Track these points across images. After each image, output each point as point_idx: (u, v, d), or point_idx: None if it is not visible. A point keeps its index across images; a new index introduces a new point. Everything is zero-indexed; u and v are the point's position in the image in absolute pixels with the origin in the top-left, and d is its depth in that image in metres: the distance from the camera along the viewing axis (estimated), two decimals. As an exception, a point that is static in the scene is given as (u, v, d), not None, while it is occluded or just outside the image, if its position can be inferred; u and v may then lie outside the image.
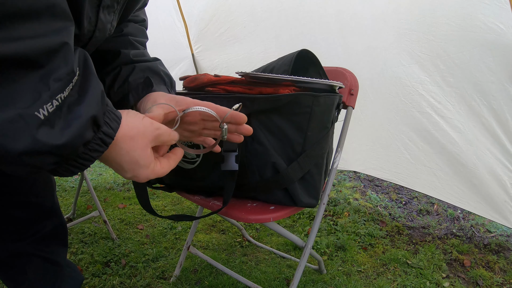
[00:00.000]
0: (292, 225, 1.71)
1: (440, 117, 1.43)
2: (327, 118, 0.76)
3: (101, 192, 2.18)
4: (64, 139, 0.29)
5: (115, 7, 0.47)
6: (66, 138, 0.29)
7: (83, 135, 0.31)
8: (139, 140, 0.38)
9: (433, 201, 2.02)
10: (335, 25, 1.56)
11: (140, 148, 0.39)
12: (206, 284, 1.23)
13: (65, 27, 0.30)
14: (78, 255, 1.42)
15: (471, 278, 1.31)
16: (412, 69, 1.43)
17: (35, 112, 0.27)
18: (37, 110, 0.27)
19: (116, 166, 0.39)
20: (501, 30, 1.16)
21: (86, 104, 0.31)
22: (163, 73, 0.59)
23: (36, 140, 0.27)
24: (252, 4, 1.75)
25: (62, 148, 0.29)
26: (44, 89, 0.28)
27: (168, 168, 0.45)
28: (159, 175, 0.43)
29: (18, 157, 0.27)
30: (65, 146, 0.30)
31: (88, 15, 0.41)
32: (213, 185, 0.79)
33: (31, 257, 0.76)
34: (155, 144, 0.42)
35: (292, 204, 0.77)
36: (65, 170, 0.33)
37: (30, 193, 0.74)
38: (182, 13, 2.03)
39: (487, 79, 1.25)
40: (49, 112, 0.28)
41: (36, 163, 0.29)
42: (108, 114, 0.35)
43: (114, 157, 0.37)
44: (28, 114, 0.27)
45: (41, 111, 0.28)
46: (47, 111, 0.28)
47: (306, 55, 0.80)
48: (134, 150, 0.38)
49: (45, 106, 0.28)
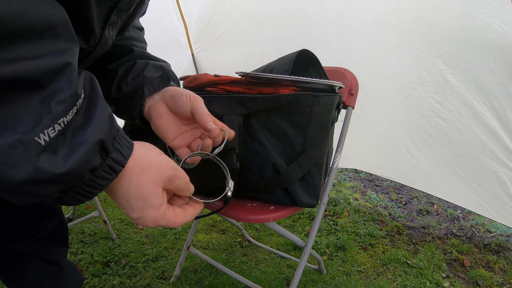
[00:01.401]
0: (292, 225, 1.71)
1: (440, 119, 1.42)
2: (327, 118, 0.76)
3: (101, 192, 2.18)
4: (68, 167, 0.27)
5: (118, 22, 0.47)
6: (70, 165, 0.27)
7: (89, 162, 0.29)
8: (151, 174, 0.35)
9: (433, 201, 2.02)
10: (335, 26, 1.56)
11: (152, 184, 0.35)
12: (206, 284, 1.23)
13: (68, 48, 0.29)
14: (78, 255, 1.42)
15: (471, 278, 1.31)
16: (413, 69, 1.43)
17: (35, 137, 0.25)
18: (37, 135, 0.25)
19: (123, 202, 0.36)
20: (503, 30, 1.15)
21: (92, 128, 0.29)
22: (173, 74, 0.60)
23: (37, 168, 0.25)
24: (251, 4, 1.75)
25: (66, 176, 0.27)
26: (45, 112, 0.26)
27: (182, 220, 0.40)
28: (170, 224, 0.38)
29: (19, 186, 0.26)
30: (69, 174, 0.27)
31: (95, 32, 0.41)
32: (213, 185, 0.79)
33: (31, 257, 0.76)
34: (168, 186, 0.38)
35: (292, 204, 0.77)
36: (71, 199, 0.31)
37: None
38: (181, 13, 2.03)
39: (488, 79, 1.25)
40: (50, 138, 0.26)
41: (40, 192, 0.28)
42: (119, 139, 0.32)
43: (122, 189, 0.34)
44: (27, 139, 0.25)
45: (42, 136, 0.26)
46: (48, 136, 0.26)
47: (306, 55, 0.80)
48: (145, 185, 0.34)
49: (46, 131, 0.26)
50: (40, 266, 0.78)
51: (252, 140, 0.72)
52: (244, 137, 0.71)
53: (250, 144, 0.72)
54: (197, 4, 1.96)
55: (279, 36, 1.76)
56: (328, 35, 1.60)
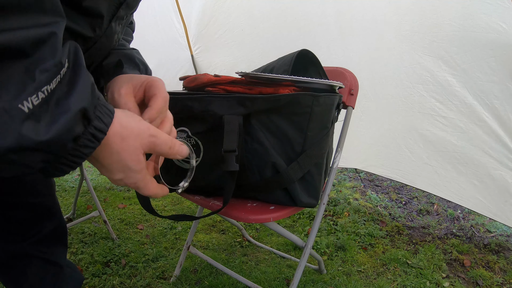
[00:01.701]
0: (292, 225, 1.71)
1: (441, 117, 1.43)
2: (327, 118, 0.76)
3: (101, 192, 2.18)
4: (51, 134, 0.28)
5: (124, 18, 0.48)
6: (53, 133, 0.28)
7: (72, 130, 0.29)
8: (131, 141, 0.36)
9: (433, 201, 2.02)
10: (335, 26, 1.56)
11: (132, 151, 0.36)
12: (206, 284, 1.23)
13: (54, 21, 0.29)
14: (78, 255, 1.42)
15: (471, 278, 1.31)
16: (413, 69, 1.43)
17: (19, 105, 0.25)
18: (21, 103, 0.26)
19: (105, 167, 0.37)
20: (503, 30, 1.16)
21: (75, 97, 0.30)
22: (138, 60, 0.57)
23: (21, 135, 0.26)
24: (251, 5, 1.75)
25: (49, 144, 0.28)
26: (29, 80, 0.26)
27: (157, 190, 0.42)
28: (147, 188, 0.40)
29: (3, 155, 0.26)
30: (52, 142, 0.28)
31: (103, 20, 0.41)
32: (213, 185, 0.79)
33: (31, 258, 0.76)
34: (150, 152, 0.39)
35: (292, 204, 0.77)
36: (55, 169, 0.32)
37: (30, 194, 0.74)
38: (181, 14, 2.03)
39: (489, 79, 1.26)
40: (34, 105, 0.26)
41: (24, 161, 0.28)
42: (100, 108, 0.33)
43: (104, 156, 0.35)
44: (11, 107, 0.25)
45: (26, 104, 0.26)
46: (31, 104, 0.26)
47: (306, 55, 0.80)
48: (125, 151, 0.36)
49: (30, 99, 0.26)
50: (39, 266, 0.78)
51: (252, 140, 0.72)
52: (244, 137, 0.71)
53: (250, 144, 0.72)
54: (196, 5, 1.96)
55: (279, 37, 1.76)
56: (328, 36, 1.60)
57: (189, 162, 0.77)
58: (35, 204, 0.75)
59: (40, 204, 0.76)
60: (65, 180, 2.43)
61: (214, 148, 0.72)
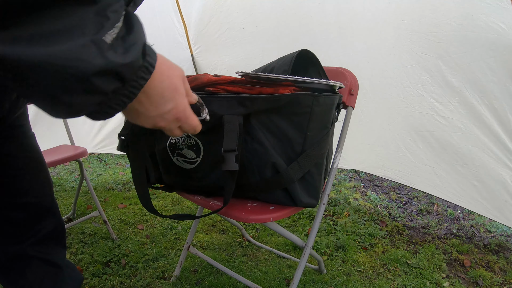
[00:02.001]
0: (292, 225, 1.71)
1: (441, 117, 1.43)
2: (327, 118, 0.76)
3: (101, 192, 2.18)
4: (129, 59, 0.34)
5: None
6: (129, 58, 0.34)
7: (139, 60, 0.35)
8: (174, 70, 0.42)
9: (433, 201, 2.02)
10: (335, 26, 1.56)
11: (177, 76, 0.42)
12: (206, 284, 1.23)
13: None
14: (78, 255, 1.42)
15: (471, 278, 1.31)
16: (413, 69, 1.43)
17: (102, 37, 0.31)
18: (103, 36, 0.31)
19: (156, 98, 0.40)
20: (503, 30, 1.16)
21: (136, 34, 0.35)
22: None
23: (107, 59, 0.32)
24: (252, 4, 1.75)
25: (127, 67, 0.34)
26: (104, 19, 0.32)
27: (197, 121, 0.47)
28: (192, 117, 0.45)
29: (88, 79, 0.31)
30: (129, 65, 0.34)
31: None
32: (213, 185, 0.79)
33: (31, 259, 0.76)
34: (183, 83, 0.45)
35: (292, 204, 0.77)
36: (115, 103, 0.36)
37: (30, 194, 0.74)
38: (181, 14, 2.03)
39: (488, 79, 1.26)
40: (112, 38, 0.32)
41: (102, 87, 0.33)
42: (148, 46, 0.37)
43: (156, 84, 0.39)
44: (97, 39, 0.31)
45: (107, 37, 0.32)
46: (111, 37, 0.32)
47: (306, 55, 0.80)
48: (173, 76, 0.41)
49: (109, 33, 0.32)
50: (39, 267, 0.78)
51: (252, 140, 0.72)
52: (244, 137, 0.71)
53: (250, 144, 0.72)
54: (196, 4, 1.96)
55: (279, 36, 1.76)
56: (328, 35, 1.60)
57: (189, 162, 0.77)
58: (35, 204, 0.75)
59: (39, 204, 0.76)
60: (65, 180, 2.43)
61: (214, 148, 0.72)
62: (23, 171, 0.73)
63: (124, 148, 0.76)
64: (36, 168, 0.76)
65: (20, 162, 0.72)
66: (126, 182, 2.39)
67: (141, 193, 0.74)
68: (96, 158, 3.06)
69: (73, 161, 1.46)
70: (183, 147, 0.76)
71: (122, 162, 2.94)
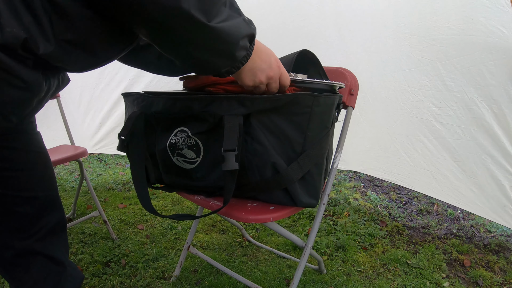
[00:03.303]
0: (292, 225, 1.72)
1: (439, 123, 1.42)
2: (327, 118, 0.76)
3: (101, 192, 2.18)
4: (254, 29, 0.55)
5: None
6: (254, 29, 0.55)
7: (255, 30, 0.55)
8: (266, 49, 0.62)
9: (433, 201, 2.02)
10: (334, 29, 1.56)
11: (271, 52, 0.63)
12: (206, 284, 1.23)
13: None
14: (78, 255, 1.42)
15: (471, 278, 1.31)
16: (412, 73, 1.43)
17: (241, 17, 0.52)
18: (240, 14, 0.52)
19: (262, 64, 0.60)
20: (503, 34, 1.15)
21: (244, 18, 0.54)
22: None
23: (251, 28, 0.54)
24: (249, 6, 1.75)
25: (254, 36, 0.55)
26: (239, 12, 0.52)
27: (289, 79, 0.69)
28: (288, 78, 0.67)
29: (237, 42, 0.51)
30: (254, 34, 0.55)
31: None
32: (213, 185, 0.79)
33: (36, 255, 0.76)
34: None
35: (292, 204, 0.77)
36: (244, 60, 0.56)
37: (38, 188, 0.74)
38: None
39: (488, 83, 1.25)
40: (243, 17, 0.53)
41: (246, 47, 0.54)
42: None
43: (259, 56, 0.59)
44: (244, 18, 0.53)
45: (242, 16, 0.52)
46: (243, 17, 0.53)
47: (306, 55, 0.80)
48: (269, 52, 0.62)
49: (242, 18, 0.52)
50: (44, 264, 0.78)
51: (252, 140, 0.72)
52: (244, 137, 0.71)
53: (250, 144, 0.72)
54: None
55: (278, 37, 1.76)
56: (327, 38, 1.60)
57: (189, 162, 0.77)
58: (42, 198, 0.75)
59: (46, 197, 0.77)
60: (65, 180, 2.43)
61: (214, 148, 0.72)
62: (32, 166, 0.73)
63: (124, 148, 0.76)
64: (44, 163, 0.77)
65: (31, 156, 0.73)
66: (126, 182, 2.39)
67: (141, 193, 0.74)
68: (96, 158, 3.06)
69: (73, 161, 1.46)
70: (183, 147, 0.75)
71: (122, 162, 2.94)
